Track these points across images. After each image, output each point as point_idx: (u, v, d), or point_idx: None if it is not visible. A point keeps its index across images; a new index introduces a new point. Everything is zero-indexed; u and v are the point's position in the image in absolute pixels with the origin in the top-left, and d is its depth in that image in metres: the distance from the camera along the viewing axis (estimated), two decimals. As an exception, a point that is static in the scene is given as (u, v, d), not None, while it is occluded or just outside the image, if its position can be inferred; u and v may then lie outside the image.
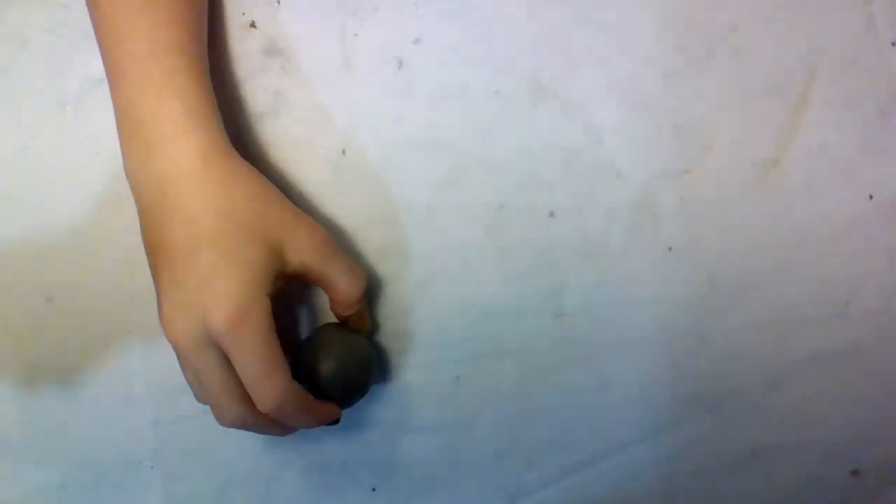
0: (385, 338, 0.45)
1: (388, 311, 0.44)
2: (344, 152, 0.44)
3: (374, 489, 0.45)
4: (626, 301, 0.45)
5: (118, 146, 0.36)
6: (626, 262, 0.45)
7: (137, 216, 0.36)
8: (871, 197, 0.45)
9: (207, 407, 0.36)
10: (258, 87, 0.44)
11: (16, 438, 0.44)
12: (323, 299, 0.44)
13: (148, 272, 0.35)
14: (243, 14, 0.44)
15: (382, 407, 0.45)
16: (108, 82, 0.36)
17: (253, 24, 0.44)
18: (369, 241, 0.44)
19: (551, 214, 0.44)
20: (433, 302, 0.44)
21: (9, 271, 0.44)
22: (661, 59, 0.44)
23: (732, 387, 0.45)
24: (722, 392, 0.45)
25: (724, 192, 0.45)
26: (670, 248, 0.45)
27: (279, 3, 0.44)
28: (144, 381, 0.44)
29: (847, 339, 0.45)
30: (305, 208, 0.43)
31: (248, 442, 0.44)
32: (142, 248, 0.36)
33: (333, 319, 0.43)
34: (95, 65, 0.43)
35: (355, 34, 0.44)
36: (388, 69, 0.44)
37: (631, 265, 0.45)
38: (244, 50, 0.44)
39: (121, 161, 0.36)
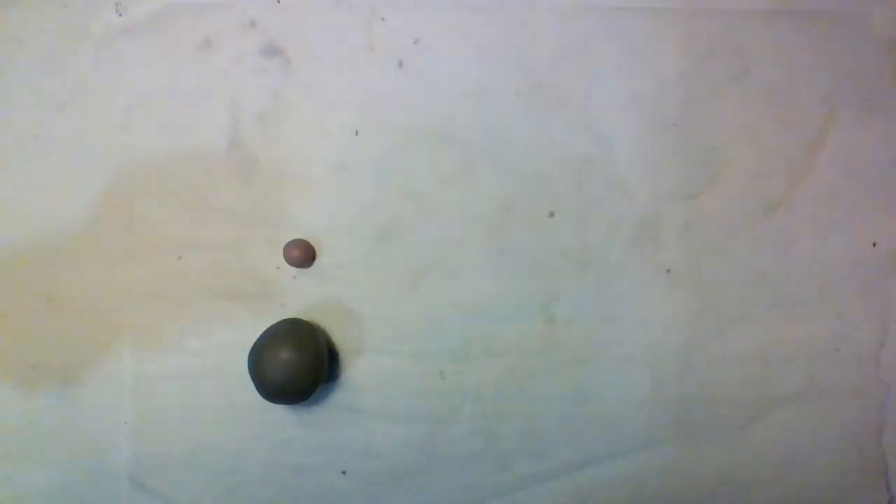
0: (373, 322, 0.45)
1: (381, 295, 0.44)
2: (356, 133, 0.44)
3: (344, 472, 0.45)
4: (617, 316, 0.45)
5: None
6: (622, 278, 0.45)
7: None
8: (874, 245, 0.45)
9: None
10: (258, 87, 0.44)
11: (16, 438, 0.44)
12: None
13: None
14: (243, 14, 0.44)
15: (361, 392, 0.44)
16: None
17: (253, 24, 0.44)
18: (371, 222, 0.44)
19: (554, 221, 0.44)
20: (427, 293, 0.44)
21: (9, 271, 0.44)
22: (682, 82, 0.44)
23: (711, 415, 0.45)
24: (700, 420, 0.45)
25: (730, 221, 0.45)
26: (669, 270, 0.45)
27: (279, 2, 0.44)
28: (134, 378, 0.44)
29: (833, 382, 0.45)
30: (305, 189, 0.43)
31: (220, 413, 0.44)
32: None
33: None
34: (94, 65, 0.44)
35: (381, 19, 0.44)
36: (396, 62, 0.44)
37: (627, 282, 0.45)
38: (244, 50, 0.44)
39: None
